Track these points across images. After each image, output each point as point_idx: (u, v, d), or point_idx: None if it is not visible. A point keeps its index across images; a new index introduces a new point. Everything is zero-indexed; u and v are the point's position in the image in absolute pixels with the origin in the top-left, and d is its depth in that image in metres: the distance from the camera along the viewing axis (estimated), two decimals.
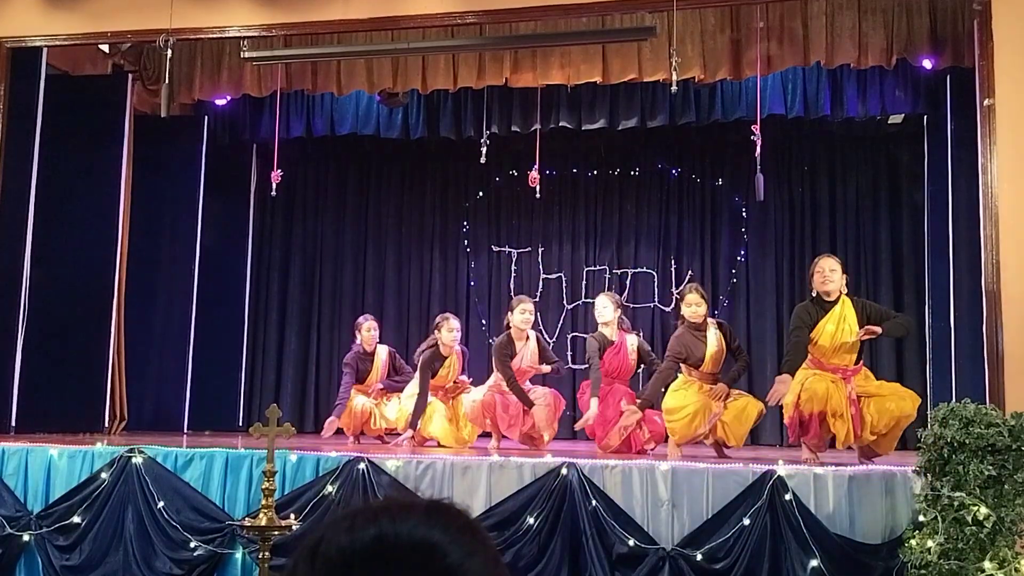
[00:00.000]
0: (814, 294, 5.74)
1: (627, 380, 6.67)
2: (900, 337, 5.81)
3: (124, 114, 7.67)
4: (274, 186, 7.56)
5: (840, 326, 5.56)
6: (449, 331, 6.86)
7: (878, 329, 5.50)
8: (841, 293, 5.68)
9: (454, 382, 7.02)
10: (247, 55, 6.87)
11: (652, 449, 6.33)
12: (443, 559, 0.82)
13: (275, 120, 7.89)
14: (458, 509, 0.91)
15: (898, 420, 5.41)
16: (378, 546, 0.82)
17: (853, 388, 5.44)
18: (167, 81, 6.52)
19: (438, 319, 7.03)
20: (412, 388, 6.93)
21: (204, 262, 8.46)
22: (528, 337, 6.80)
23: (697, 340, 6.17)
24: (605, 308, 6.63)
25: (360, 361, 7.30)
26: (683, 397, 6.07)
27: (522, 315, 6.73)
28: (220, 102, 8.35)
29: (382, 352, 7.37)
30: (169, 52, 6.40)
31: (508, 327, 6.80)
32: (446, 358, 6.93)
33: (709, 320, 6.28)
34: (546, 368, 6.84)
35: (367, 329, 7.34)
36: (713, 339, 6.17)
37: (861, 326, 5.52)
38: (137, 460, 5.62)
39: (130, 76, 7.84)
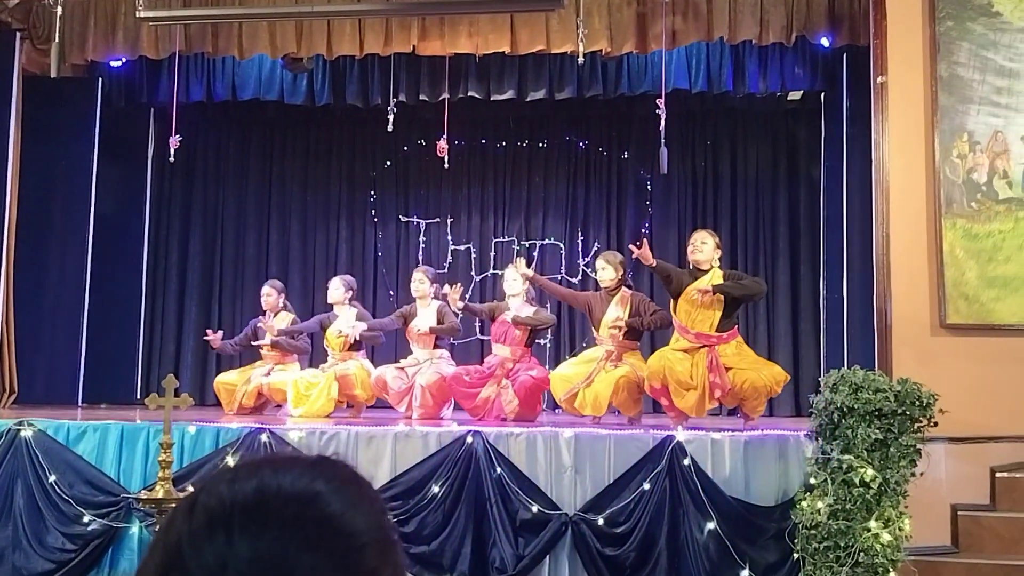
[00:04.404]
0: (691, 267, 6.09)
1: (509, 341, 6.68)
2: (740, 296, 5.98)
3: (12, 75, 7.32)
4: (172, 152, 7.34)
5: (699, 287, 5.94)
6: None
7: (708, 287, 5.87)
8: (712, 265, 6.02)
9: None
10: (143, 15, 6.62)
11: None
12: (324, 509, 0.81)
13: (174, 83, 7.63)
14: (344, 463, 0.90)
15: (757, 389, 5.76)
16: (259, 497, 0.81)
17: (716, 357, 5.77)
18: (57, 40, 6.25)
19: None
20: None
21: (99, 230, 8.15)
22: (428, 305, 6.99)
23: (602, 302, 6.46)
24: (514, 280, 6.71)
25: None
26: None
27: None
28: (115, 63, 8.01)
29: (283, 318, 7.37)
30: (59, 9, 6.13)
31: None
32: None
33: (625, 289, 6.45)
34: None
35: (264, 294, 7.43)
36: (613, 307, 6.32)
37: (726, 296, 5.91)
38: (26, 433, 5.43)
39: (18, 34, 7.46)
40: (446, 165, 7.64)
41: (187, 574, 0.78)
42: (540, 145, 8.96)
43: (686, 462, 5.06)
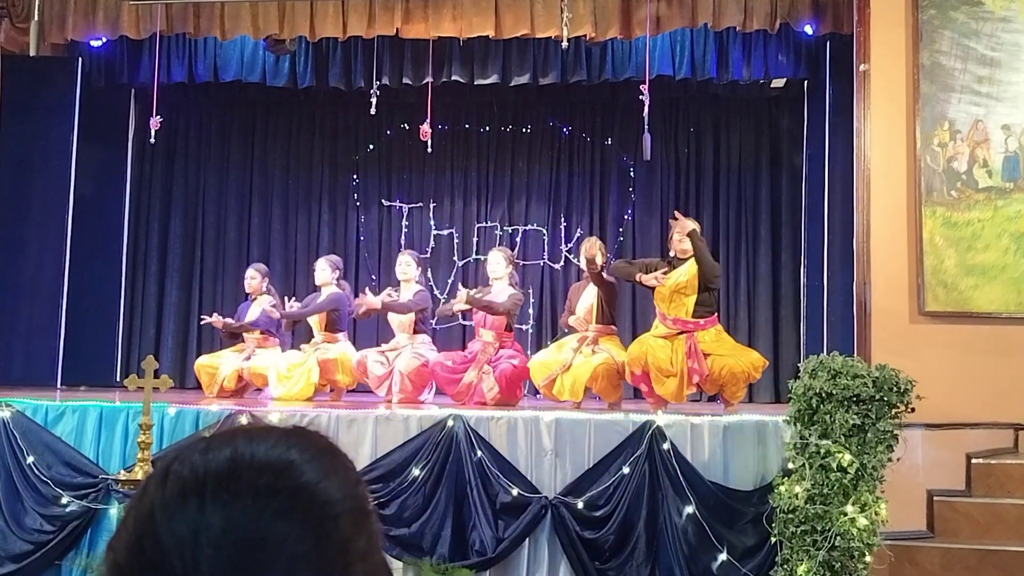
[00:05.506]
0: (672, 254, 6.15)
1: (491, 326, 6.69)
2: (701, 259, 5.96)
3: None
4: (153, 133, 7.28)
5: (678, 278, 6.05)
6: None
7: (664, 272, 6.01)
8: (693, 255, 6.06)
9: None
10: None
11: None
12: (298, 478, 0.80)
13: (155, 64, 7.56)
14: (319, 434, 0.90)
15: (736, 375, 5.82)
16: (232, 466, 0.80)
17: (695, 343, 5.82)
18: (36, 18, 6.18)
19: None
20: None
21: (78, 211, 8.08)
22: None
23: (579, 288, 6.56)
24: (497, 264, 6.71)
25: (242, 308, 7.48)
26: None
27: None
28: (96, 43, 7.91)
29: (262, 301, 7.32)
30: None
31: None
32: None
33: (605, 275, 6.47)
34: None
35: (248, 277, 7.42)
36: (588, 292, 6.39)
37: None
38: (4, 414, 5.40)
39: None
40: (429, 149, 7.61)
41: (159, 543, 0.77)
42: (523, 130, 8.94)
43: (665, 446, 5.08)
